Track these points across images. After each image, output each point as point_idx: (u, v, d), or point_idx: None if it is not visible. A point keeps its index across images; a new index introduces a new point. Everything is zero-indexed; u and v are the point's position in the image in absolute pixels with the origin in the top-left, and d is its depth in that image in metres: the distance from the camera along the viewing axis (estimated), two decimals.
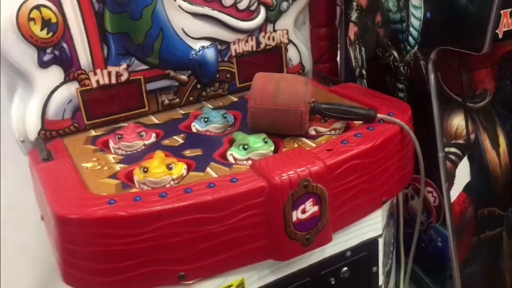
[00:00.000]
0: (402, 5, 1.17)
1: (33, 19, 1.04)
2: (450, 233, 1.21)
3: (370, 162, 0.99)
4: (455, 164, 1.17)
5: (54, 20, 1.07)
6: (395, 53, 1.23)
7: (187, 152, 1.04)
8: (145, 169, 0.95)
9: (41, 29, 1.06)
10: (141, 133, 1.12)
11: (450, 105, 1.15)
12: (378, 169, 1.01)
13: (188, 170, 0.98)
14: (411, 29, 1.16)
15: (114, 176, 0.97)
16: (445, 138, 1.16)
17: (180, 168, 0.97)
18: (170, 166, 0.96)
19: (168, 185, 0.93)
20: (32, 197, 1.12)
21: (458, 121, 1.16)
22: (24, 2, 1.03)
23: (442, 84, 1.14)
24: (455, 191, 1.19)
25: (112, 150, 1.10)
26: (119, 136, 1.11)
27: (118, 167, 1.00)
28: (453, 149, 1.17)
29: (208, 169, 0.97)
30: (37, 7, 1.04)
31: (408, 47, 1.18)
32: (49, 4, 1.06)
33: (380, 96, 1.20)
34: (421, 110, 1.14)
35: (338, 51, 1.55)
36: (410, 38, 1.17)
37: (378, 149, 0.99)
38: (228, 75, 1.33)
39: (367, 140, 0.99)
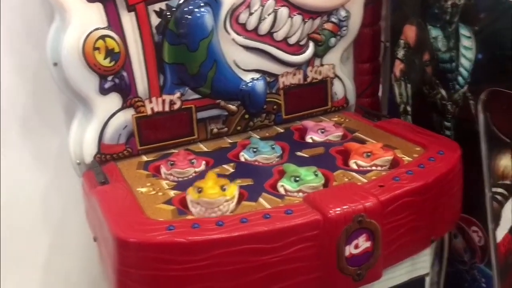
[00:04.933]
0: (452, 46, 1.18)
1: (98, 48, 1.09)
2: (495, 274, 1.20)
3: (421, 200, 0.99)
4: (502, 205, 1.17)
5: (117, 50, 1.12)
6: (443, 92, 1.25)
7: (238, 182, 1.06)
8: (200, 189, 0.96)
9: (105, 58, 1.11)
10: (192, 160, 1.15)
11: (498, 145, 1.15)
12: (428, 207, 1.01)
13: (240, 199, 1.00)
14: (461, 69, 1.17)
15: (169, 202, 1.00)
16: (492, 178, 1.16)
17: (233, 189, 0.98)
18: (224, 187, 0.97)
19: (221, 206, 0.95)
20: (79, 219, 1.15)
21: (505, 162, 1.16)
22: (91, 32, 1.09)
23: (491, 124, 1.15)
24: (501, 232, 1.18)
25: (164, 176, 1.13)
26: (172, 162, 1.13)
27: (172, 193, 1.03)
28: (499, 190, 1.16)
29: (260, 199, 0.99)
30: (102, 37, 1.10)
31: (457, 86, 1.20)
32: (113, 34, 1.11)
33: (427, 133, 1.21)
34: (468, 149, 1.14)
35: (380, 86, 1.57)
36: (460, 78, 1.18)
37: (430, 187, 1.00)
38: (275, 107, 1.36)
39: (419, 177, 1.00)
